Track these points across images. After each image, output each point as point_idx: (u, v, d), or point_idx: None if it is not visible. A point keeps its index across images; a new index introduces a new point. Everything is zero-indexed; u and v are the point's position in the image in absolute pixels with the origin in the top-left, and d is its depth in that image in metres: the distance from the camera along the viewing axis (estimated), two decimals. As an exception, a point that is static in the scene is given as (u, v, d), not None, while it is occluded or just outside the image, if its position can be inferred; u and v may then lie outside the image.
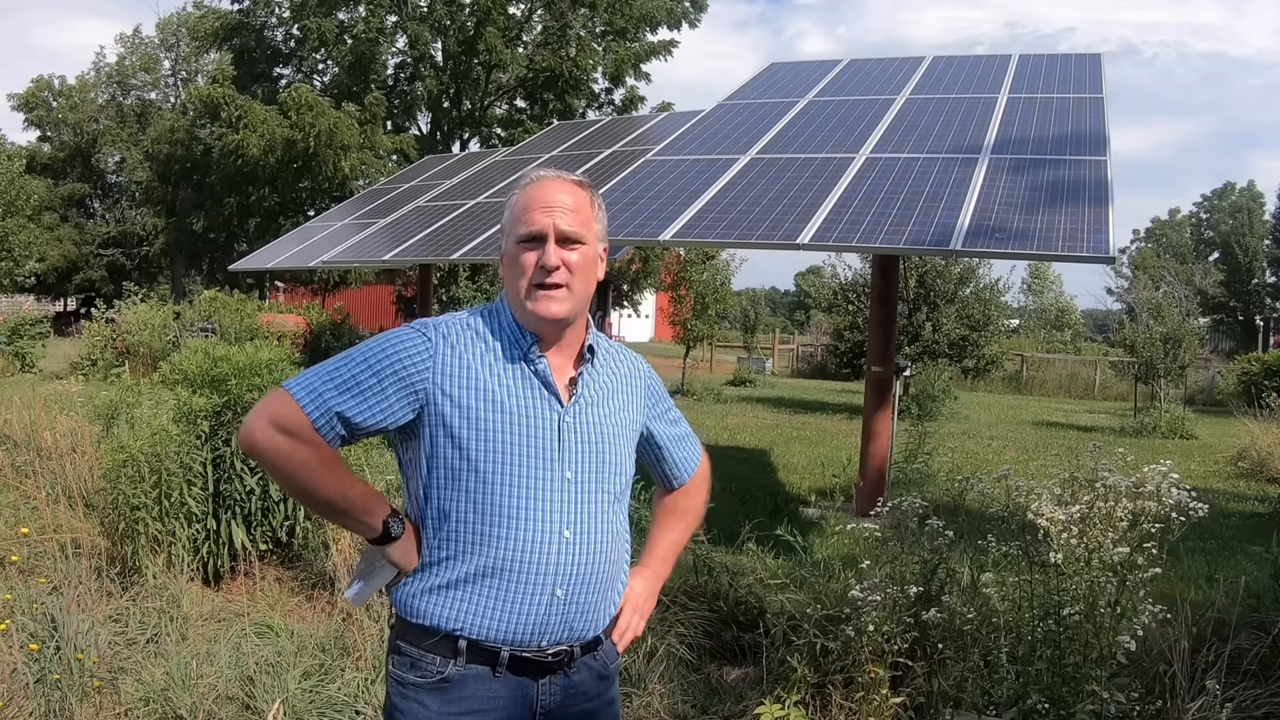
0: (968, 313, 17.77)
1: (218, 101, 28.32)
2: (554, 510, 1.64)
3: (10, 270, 23.76)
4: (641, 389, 1.86)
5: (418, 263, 11.64)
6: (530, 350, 1.68)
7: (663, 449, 1.93)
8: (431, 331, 1.67)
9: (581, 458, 1.68)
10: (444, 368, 1.64)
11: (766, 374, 23.13)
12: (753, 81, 9.62)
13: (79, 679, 3.24)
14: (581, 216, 1.69)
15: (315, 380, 1.63)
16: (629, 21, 29.43)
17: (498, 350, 1.68)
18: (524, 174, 1.77)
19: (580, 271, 1.68)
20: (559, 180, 1.71)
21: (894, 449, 7.31)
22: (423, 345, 1.65)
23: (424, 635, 1.65)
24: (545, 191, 1.69)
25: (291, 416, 1.59)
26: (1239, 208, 47.67)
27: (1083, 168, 6.48)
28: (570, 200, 1.68)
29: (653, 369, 1.95)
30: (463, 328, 1.69)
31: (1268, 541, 4.54)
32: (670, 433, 1.94)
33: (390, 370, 1.62)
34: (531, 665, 1.65)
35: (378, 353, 1.64)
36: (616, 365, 1.83)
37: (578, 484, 1.67)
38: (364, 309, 29.63)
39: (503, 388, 1.65)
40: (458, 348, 1.66)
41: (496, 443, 1.62)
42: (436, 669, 1.64)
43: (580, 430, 1.69)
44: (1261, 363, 18.95)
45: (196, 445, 4.51)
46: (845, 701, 3.10)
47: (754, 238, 6.17)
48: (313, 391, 1.61)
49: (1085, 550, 2.73)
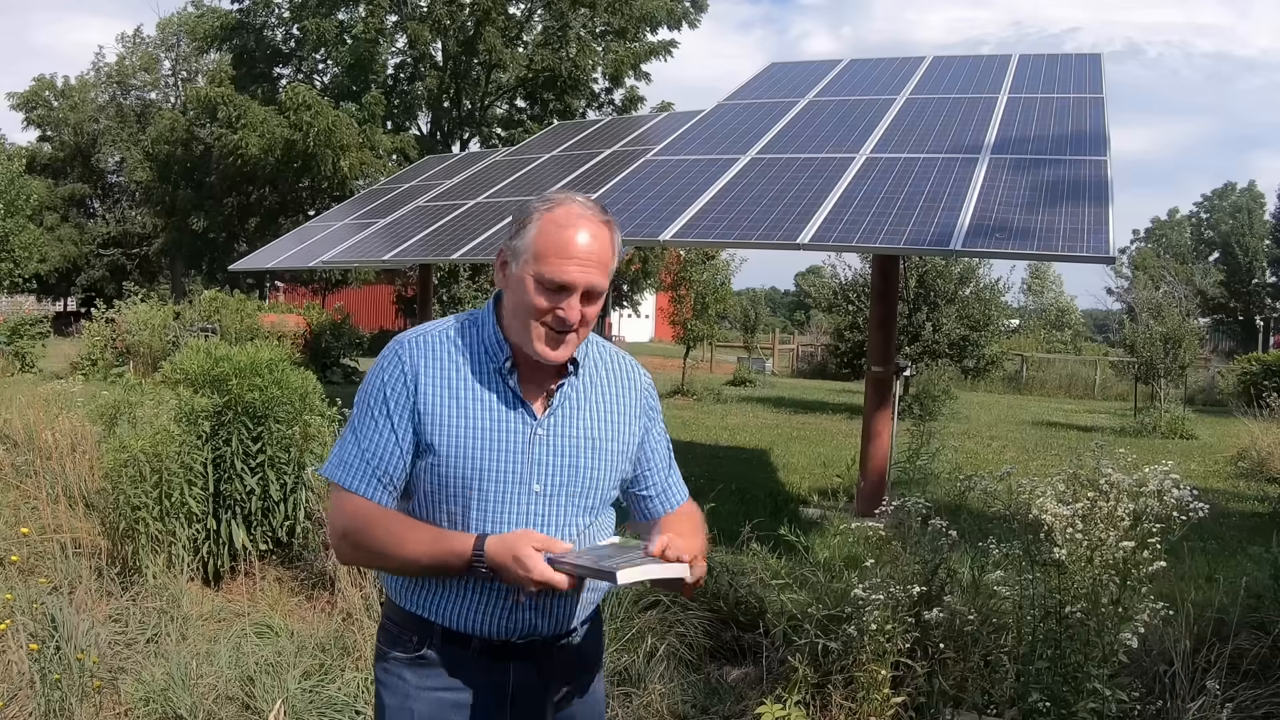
0: (968, 313, 17.76)
1: (215, 101, 28.33)
2: (520, 524, 1.66)
3: (11, 271, 23.76)
4: (638, 402, 1.82)
5: (418, 262, 11.64)
6: (505, 363, 1.68)
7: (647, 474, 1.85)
8: (408, 351, 1.68)
9: (553, 471, 1.68)
10: (421, 387, 1.66)
11: (766, 374, 23.12)
12: (753, 81, 9.61)
13: (79, 679, 3.23)
14: (606, 266, 1.66)
15: (345, 454, 1.69)
16: (629, 21, 29.44)
17: (474, 363, 1.68)
18: (550, 197, 1.69)
19: (591, 320, 1.68)
20: (591, 219, 1.65)
21: (894, 449, 7.31)
22: (399, 368, 1.67)
23: (404, 615, 1.73)
24: (578, 236, 1.62)
25: (351, 512, 1.68)
26: (1239, 208, 47.67)
27: (1083, 167, 6.48)
28: (599, 248, 1.64)
29: (653, 383, 1.88)
30: (441, 341, 1.70)
31: (1268, 541, 4.54)
32: (659, 455, 1.87)
33: (380, 404, 1.67)
34: (502, 649, 1.70)
35: (370, 391, 1.69)
36: (610, 374, 1.80)
37: (546, 496, 1.68)
38: (364, 309, 29.67)
39: (476, 401, 1.66)
40: (434, 364, 1.67)
41: (467, 457, 1.64)
42: (414, 646, 1.71)
43: (553, 443, 1.69)
44: (1261, 363, 18.95)
45: (197, 445, 4.51)
46: (846, 701, 3.10)
47: (754, 238, 6.17)
48: (346, 466, 1.69)
49: (1088, 548, 2.73)
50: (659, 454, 1.87)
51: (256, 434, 4.67)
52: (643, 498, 1.86)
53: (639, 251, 25.15)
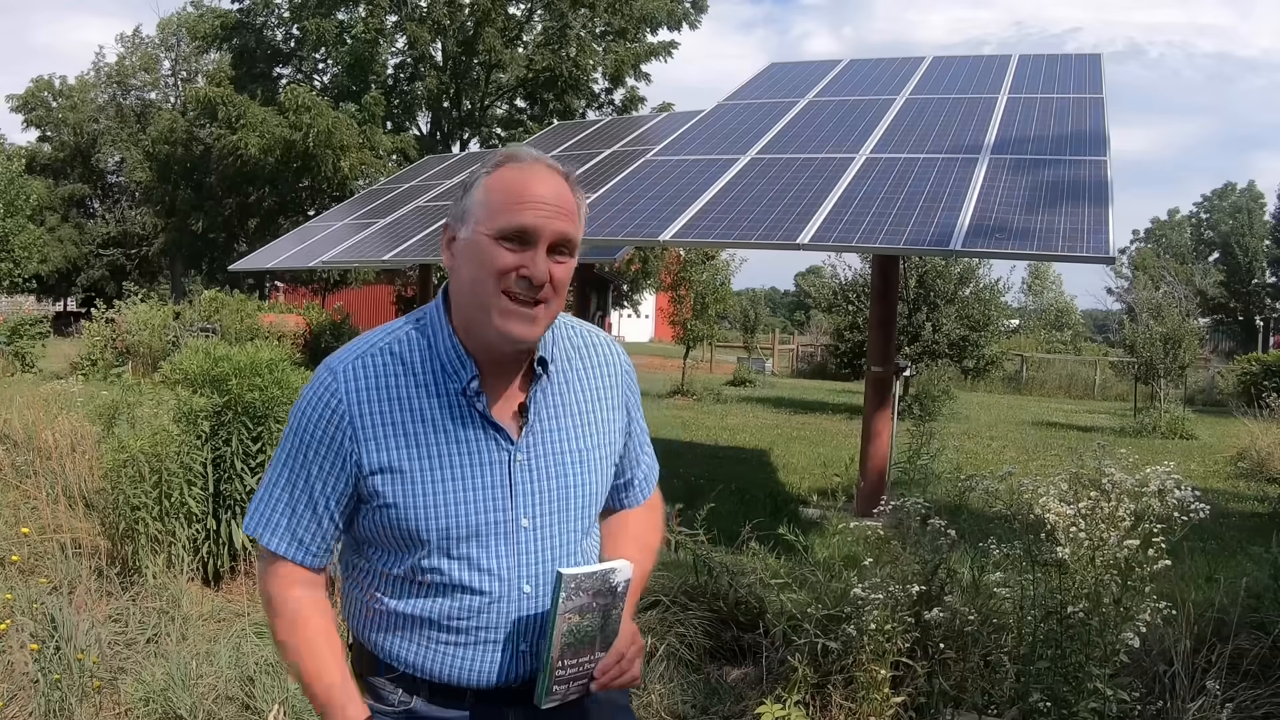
0: (968, 313, 17.77)
1: (215, 101, 28.34)
2: (509, 566, 1.43)
3: (11, 271, 23.75)
4: (619, 384, 1.58)
5: (417, 263, 11.65)
6: (470, 383, 1.41)
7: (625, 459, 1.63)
8: (342, 383, 1.40)
9: (540, 499, 1.45)
10: (363, 428, 1.39)
11: (766, 374, 23.13)
12: (753, 81, 9.61)
13: (79, 679, 3.23)
14: (572, 215, 1.42)
15: (263, 502, 1.47)
16: (629, 22, 29.44)
17: (429, 385, 1.41)
18: (496, 152, 1.48)
19: (561, 288, 1.41)
20: (547, 169, 1.42)
21: (894, 449, 7.31)
22: (329, 409, 1.39)
23: (385, 668, 1.49)
24: (534, 181, 1.39)
25: (264, 574, 1.50)
26: (1239, 208, 47.67)
27: (1082, 168, 6.48)
28: (561, 195, 1.41)
29: (630, 362, 1.64)
30: (383, 363, 1.41)
31: (1268, 541, 4.53)
32: (637, 441, 1.66)
33: (300, 455, 1.43)
34: (502, 694, 1.48)
35: (292, 436, 1.44)
36: (585, 363, 1.55)
37: (535, 530, 1.45)
38: (364, 309, 29.65)
39: (438, 436, 1.39)
40: (377, 397, 1.40)
41: (434, 506, 1.39)
42: (400, 699, 1.49)
43: (535, 467, 1.45)
44: (1261, 363, 18.96)
45: (197, 445, 4.51)
46: (846, 701, 3.10)
47: (754, 238, 6.17)
48: (264, 520, 1.47)
49: (1090, 548, 2.73)
50: (635, 440, 1.65)
51: (256, 434, 4.67)
52: (614, 487, 1.64)
53: (639, 251, 25.13)
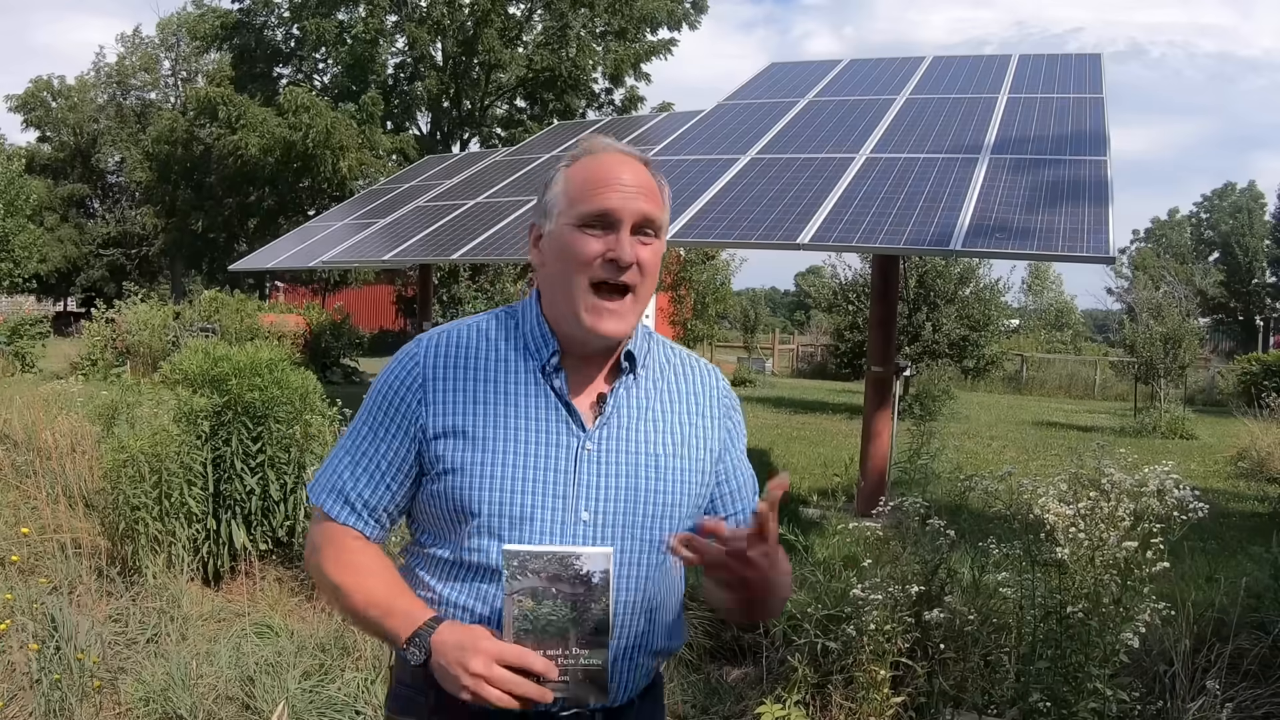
0: (968, 313, 17.77)
1: (215, 101, 28.35)
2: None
3: (11, 271, 23.76)
4: (717, 411, 1.48)
5: (418, 263, 11.64)
6: (551, 359, 1.38)
7: (720, 498, 1.50)
8: (426, 352, 1.40)
9: (604, 495, 1.36)
10: (437, 395, 1.37)
11: (766, 374, 23.11)
12: (753, 81, 9.62)
13: (79, 679, 3.23)
14: (656, 197, 1.39)
15: (329, 466, 1.45)
16: (629, 22, 29.45)
17: (511, 362, 1.39)
18: (573, 143, 1.45)
19: (650, 273, 1.37)
20: (627, 157, 1.39)
21: (894, 449, 7.31)
22: (410, 375, 1.38)
23: (419, 674, 1.36)
24: (612, 165, 1.37)
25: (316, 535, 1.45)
26: (1239, 208, 47.67)
27: (1083, 168, 6.48)
28: (642, 179, 1.38)
29: (731, 390, 1.54)
30: (471, 337, 1.41)
31: (1268, 541, 4.54)
32: (736, 476, 1.52)
33: (380, 415, 1.41)
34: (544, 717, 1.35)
35: (373, 398, 1.42)
36: (678, 375, 1.48)
37: (596, 528, 1.36)
38: (364, 309, 29.66)
39: (510, 409, 1.36)
40: (459, 366, 1.38)
41: (493, 473, 1.34)
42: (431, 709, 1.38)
43: (604, 460, 1.37)
44: (1261, 363, 18.95)
45: (197, 445, 4.51)
46: (845, 701, 3.10)
47: (754, 238, 6.17)
48: (323, 483, 1.45)
49: (1089, 548, 2.73)
50: (739, 475, 1.52)
51: (256, 434, 4.67)
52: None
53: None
